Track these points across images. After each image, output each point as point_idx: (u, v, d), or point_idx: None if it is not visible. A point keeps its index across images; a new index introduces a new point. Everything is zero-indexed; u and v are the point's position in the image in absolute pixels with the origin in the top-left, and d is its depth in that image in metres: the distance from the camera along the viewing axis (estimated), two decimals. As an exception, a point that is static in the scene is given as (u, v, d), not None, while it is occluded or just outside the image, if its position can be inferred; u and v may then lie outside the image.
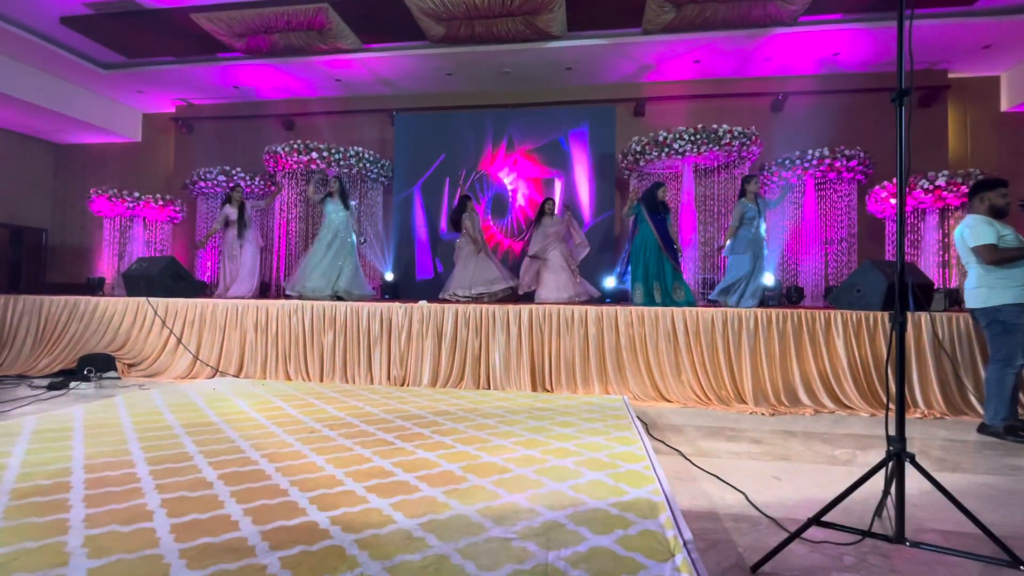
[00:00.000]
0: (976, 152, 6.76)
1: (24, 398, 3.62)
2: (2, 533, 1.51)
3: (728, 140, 6.00)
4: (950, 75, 6.73)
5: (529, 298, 5.68)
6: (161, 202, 7.55)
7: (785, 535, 1.56)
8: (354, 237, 5.52)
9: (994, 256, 2.88)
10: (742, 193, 4.87)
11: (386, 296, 6.69)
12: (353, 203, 5.62)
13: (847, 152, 6.12)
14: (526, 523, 1.62)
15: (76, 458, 2.20)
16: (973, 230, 2.96)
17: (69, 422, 2.82)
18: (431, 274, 7.24)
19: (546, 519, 1.65)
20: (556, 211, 5.90)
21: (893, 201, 5.86)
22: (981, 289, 2.99)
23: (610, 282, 6.32)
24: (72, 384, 4.06)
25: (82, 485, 1.89)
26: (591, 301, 5.55)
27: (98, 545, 1.44)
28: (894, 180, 5.65)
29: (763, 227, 4.83)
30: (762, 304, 4.69)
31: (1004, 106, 6.74)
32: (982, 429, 3.05)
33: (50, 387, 3.91)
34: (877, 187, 5.98)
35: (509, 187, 7.23)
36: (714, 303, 4.93)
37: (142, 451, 2.31)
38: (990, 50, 6.20)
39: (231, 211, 5.88)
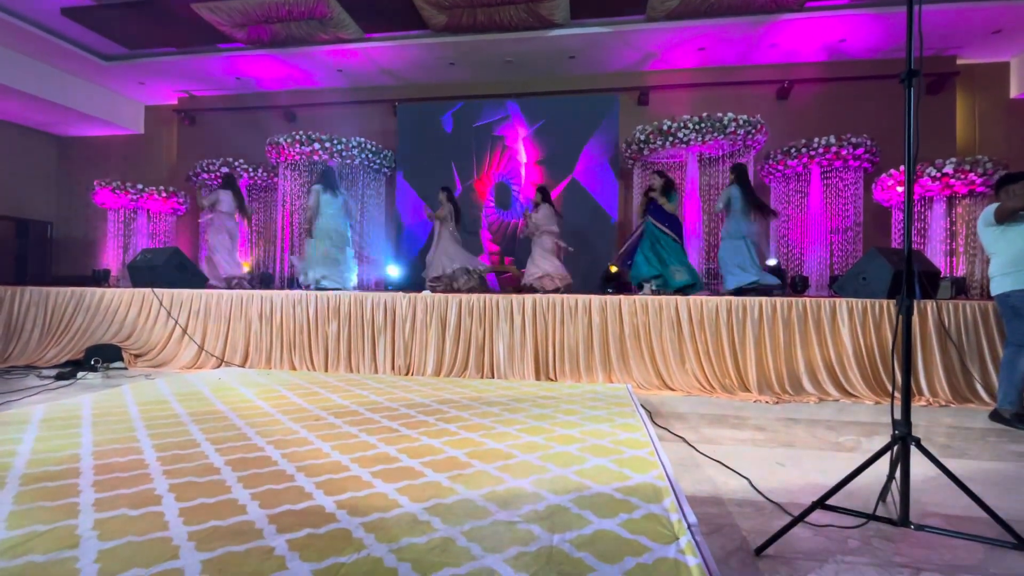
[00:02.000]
0: (984, 139, 6.68)
1: (33, 388, 3.65)
2: (14, 517, 1.53)
3: (733, 128, 5.94)
4: (959, 61, 6.64)
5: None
6: (164, 194, 7.57)
7: (789, 519, 1.56)
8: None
9: (1003, 207, 2.95)
10: (732, 181, 5.11)
11: (389, 288, 6.69)
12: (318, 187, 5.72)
13: (853, 140, 6.06)
14: (531, 507, 1.63)
15: (84, 445, 2.22)
16: (985, 211, 3.07)
17: (77, 411, 2.85)
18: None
19: (551, 503, 1.66)
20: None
21: (900, 189, 5.81)
22: (995, 278, 3.09)
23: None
24: (79, 374, 4.09)
25: (91, 471, 1.91)
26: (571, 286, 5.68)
27: (108, 528, 1.45)
28: (901, 168, 5.60)
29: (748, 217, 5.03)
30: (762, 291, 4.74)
31: (1014, 92, 6.65)
32: (994, 415, 3.07)
33: (58, 377, 3.95)
34: (884, 175, 5.93)
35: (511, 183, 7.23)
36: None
37: (149, 439, 2.33)
38: (1000, 35, 6.11)
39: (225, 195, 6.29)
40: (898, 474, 1.59)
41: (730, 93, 6.99)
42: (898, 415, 1.59)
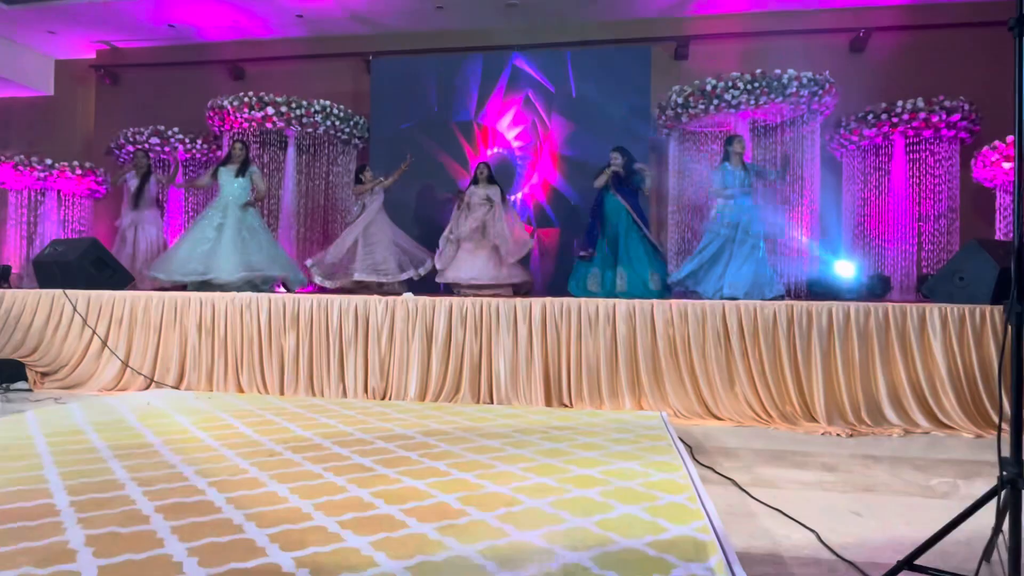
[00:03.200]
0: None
1: (-86, 414, 3.67)
2: None
3: (795, 89, 5.95)
4: (1082, 4, 6.64)
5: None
6: (79, 171, 7.58)
7: (868, 583, 1.56)
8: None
9: None
10: (725, 156, 5.31)
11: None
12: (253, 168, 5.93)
13: (947, 104, 6.05)
14: (540, 566, 1.63)
15: (-21, 486, 2.23)
16: None
17: (-30, 443, 2.86)
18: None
19: (566, 561, 1.66)
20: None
21: (1006, 165, 5.80)
22: None
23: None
24: (-28, 397, 4.12)
25: (-12, 519, 1.92)
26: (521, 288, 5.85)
27: (9, 591, 1.46)
28: (1008, 139, 5.59)
29: (747, 202, 5.15)
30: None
31: None
32: None
33: (-55, 401, 3.97)
34: (986, 148, 5.91)
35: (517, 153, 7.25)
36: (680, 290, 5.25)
37: (60, 478, 2.34)
38: None
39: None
40: (1006, 526, 1.58)
41: (791, 45, 6.97)
42: (1006, 452, 1.59)
